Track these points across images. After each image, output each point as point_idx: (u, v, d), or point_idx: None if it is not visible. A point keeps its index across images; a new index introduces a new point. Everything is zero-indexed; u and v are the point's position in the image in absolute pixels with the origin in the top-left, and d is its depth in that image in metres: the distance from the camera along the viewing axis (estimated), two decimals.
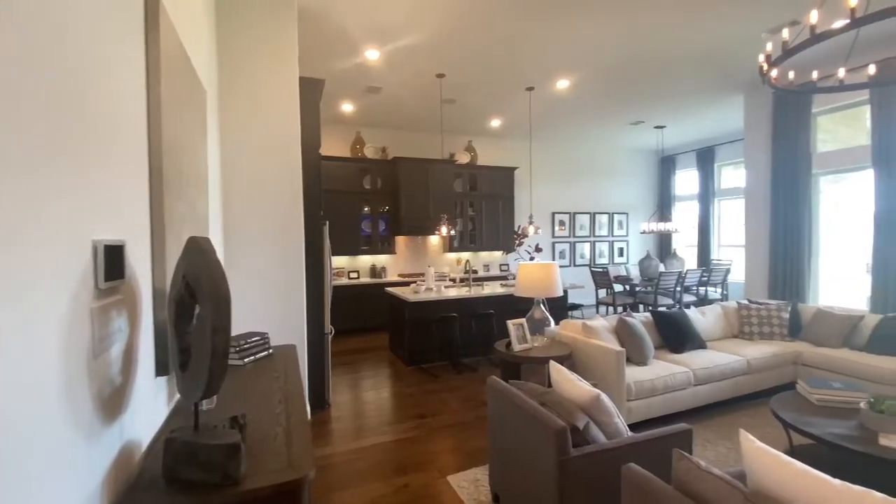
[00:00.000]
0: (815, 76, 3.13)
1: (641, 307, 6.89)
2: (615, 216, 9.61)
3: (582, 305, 6.93)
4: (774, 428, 3.19)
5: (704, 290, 7.13)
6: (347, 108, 6.35)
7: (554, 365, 2.31)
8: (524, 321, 3.52)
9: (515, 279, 3.77)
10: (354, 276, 7.23)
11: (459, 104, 6.27)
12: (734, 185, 8.24)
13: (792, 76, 3.20)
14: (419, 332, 5.04)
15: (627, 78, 5.42)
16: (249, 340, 2.19)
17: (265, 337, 2.29)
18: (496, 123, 7.40)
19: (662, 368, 3.37)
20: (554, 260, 8.96)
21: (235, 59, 3.14)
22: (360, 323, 6.79)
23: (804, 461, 1.21)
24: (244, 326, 3.07)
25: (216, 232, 2.79)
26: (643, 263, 7.17)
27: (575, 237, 9.23)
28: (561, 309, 5.74)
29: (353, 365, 5.16)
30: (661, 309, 4.84)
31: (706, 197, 8.59)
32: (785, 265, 5.59)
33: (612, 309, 6.78)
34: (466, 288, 5.72)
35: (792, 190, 5.50)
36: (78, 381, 0.88)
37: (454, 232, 7.43)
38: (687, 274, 6.71)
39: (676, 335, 3.81)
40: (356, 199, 7.11)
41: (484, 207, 8.05)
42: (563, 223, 9.10)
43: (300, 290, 3.36)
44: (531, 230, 6.47)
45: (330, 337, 3.85)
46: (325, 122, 6.57)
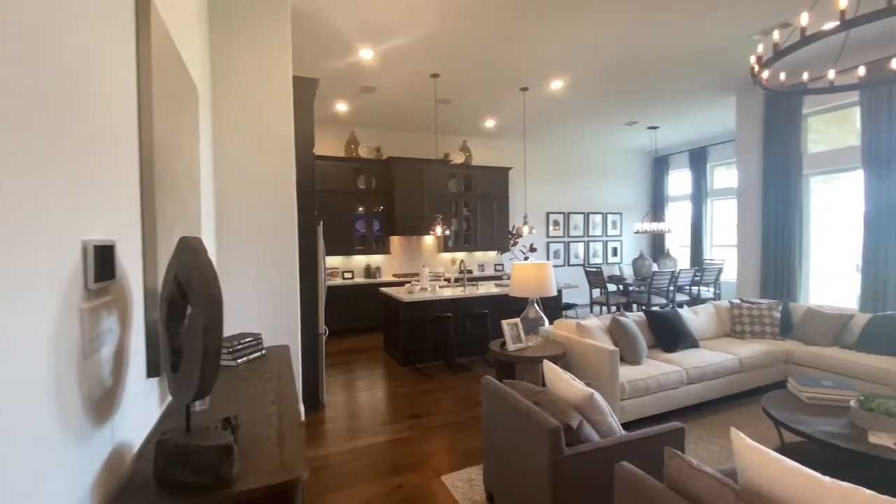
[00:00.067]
0: (805, 77, 3.16)
1: (635, 307, 6.93)
2: (609, 216, 9.66)
3: (576, 305, 6.95)
4: (766, 426, 3.22)
5: (697, 289, 7.18)
6: (341, 107, 6.33)
7: (548, 364, 2.32)
8: (518, 321, 3.53)
9: (510, 279, 3.78)
10: (349, 276, 7.21)
11: (454, 104, 6.27)
12: (726, 185, 8.30)
13: (783, 77, 3.23)
14: (414, 332, 5.03)
15: (621, 79, 5.44)
16: (242, 341, 2.18)
17: (258, 338, 2.28)
18: (491, 124, 7.41)
19: (655, 367, 3.38)
20: (548, 260, 8.97)
21: (229, 58, 3.12)
22: (354, 323, 6.78)
23: (795, 459, 1.23)
24: (237, 327, 3.05)
25: (209, 232, 2.78)
26: (637, 263, 7.21)
27: (569, 237, 9.27)
28: (555, 308, 5.76)
29: (347, 365, 5.15)
30: (654, 308, 4.88)
31: (699, 197, 8.67)
32: (776, 265, 5.65)
33: (605, 308, 6.81)
34: (461, 288, 5.73)
35: (783, 190, 5.56)
36: (67, 382, 0.87)
37: (449, 232, 7.43)
38: (680, 273, 6.76)
39: (669, 334, 3.84)
40: (350, 198, 7.09)
41: (478, 207, 8.06)
42: (557, 223, 9.14)
43: (294, 290, 3.35)
44: (525, 230, 6.49)
45: (324, 337, 3.84)
46: (319, 121, 6.54)
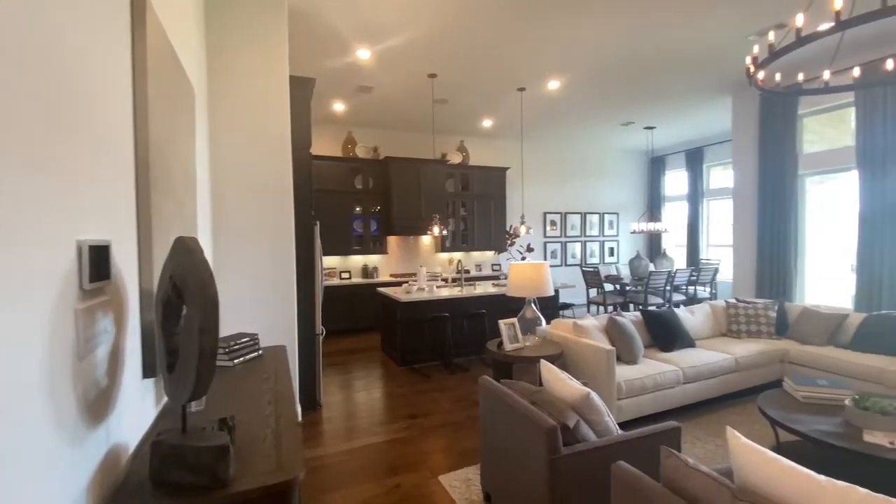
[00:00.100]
0: (801, 78, 3.17)
1: (631, 306, 6.95)
2: (606, 216, 9.68)
3: (573, 305, 6.96)
4: (762, 425, 3.23)
5: (693, 289, 7.21)
6: (339, 107, 6.32)
7: (545, 364, 2.32)
8: (516, 321, 3.53)
9: (507, 279, 3.78)
10: (346, 276, 7.20)
11: (451, 104, 6.27)
12: (722, 185, 8.33)
13: (778, 78, 3.25)
14: (411, 332, 5.03)
15: (618, 79, 5.46)
16: (239, 341, 2.17)
17: (255, 338, 2.28)
18: (488, 124, 7.42)
19: (652, 367, 3.39)
20: (545, 260, 9.00)
21: (225, 57, 3.11)
22: (351, 323, 6.77)
23: (790, 458, 1.23)
24: (234, 327, 3.04)
25: (205, 232, 2.77)
26: (633, 263, 7.23)
27: (566, 237, 9.28)
28: (552, 308, 5.77)
29: (344, 365, 5.14)
30: (650, 308, 4.88)
31: (695, 197, 8.70)
32: (772, 264, 5.67)
33: (602, 308, 6.83)
34: (458, 288, 5.73)
35: (779, 190, 5.58)
36: (62, 383, 0.86)
37: (446, 232, 7.42)
38: (676, 273, 6.79)
39: (666, 334, 3.85)
40: (347, 198, 7.08)
41: (476, 207, 8.07)
42: (554, 223, 9.15)
43: (290, 290, 3.34)
44: (523, 230, 6.49)
45: (321, 337, 3.83)
46: (316, 121, 6.53)
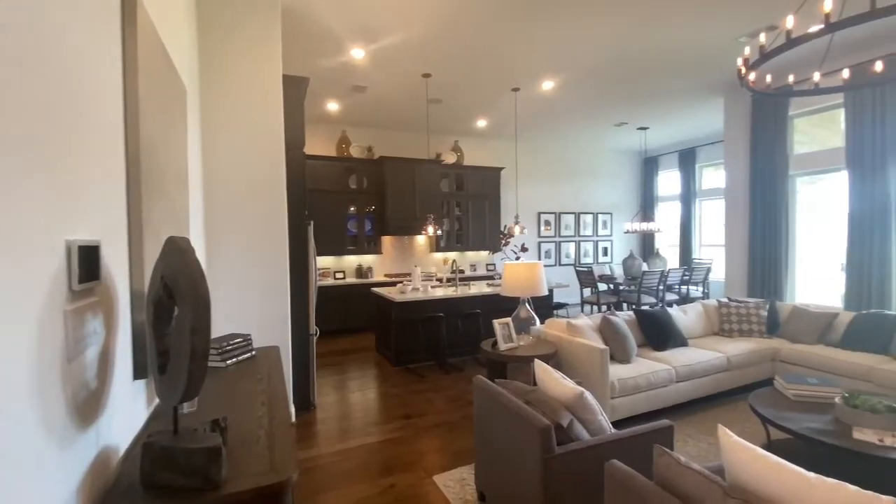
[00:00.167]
0: (791, 80, 3.21)
1: (625, 306, 6.99)
2: (599, 216, 9.73)
3: (567, 304, 6.99)
4: (753, 423, 3.26)
5: (686, 288, 7.26)
6: (333, 106, 6.30)
7: (539, 363, 2.33)
8: (510, 320, 3.54)
9: (501, 279, 3.78)
10: (340, 276, 7.17)
11: (445, 104, 6.27)
12: (715, 185, 8.40)
13: (769, 80, 3.29)
14: (406, 332, 5.02)
15: (611, 80, 5.48)
16: (231, 342, 2.15)
17: (248, 338, 2.26)
18: (482, 124, 7.42)
19: (645, 366, 3.41)
20: (539, 259, 9.03)
21: (218, 56, 3.09)
22: (346, 324, 6.75)
23: (781, 455, 1.24)
24: (226, 328, 3.02)
25: (197, 232, 2.74)
26: (627, 263, 7.27)
27: (560, 237, 9.31)
28: (546, 308, 5.78)
29: (338, 366, 5.12)
30: (644, 307, 4.91)
31: (688, 197, 8.76)
32: (763, 264, 5.73)
33: (596, 308, 6.86)
34: (453, 288, 5.73)
35: (770, 190, 5.63)
36: (51, 385, 0.85)
37: (441, 232, 7.43)
38: (669, 273, 6.83)
39: (659, 333, 3.87)
40: (342, 198, 7.06)
41: (470, 207, 8.07)
42: (548, 223, 9.18)
43: (284, 290, 3.32)
44: (517, 230, 6.50)
45: (315, 338, 3.82)
46: (309, 120, 6.50)
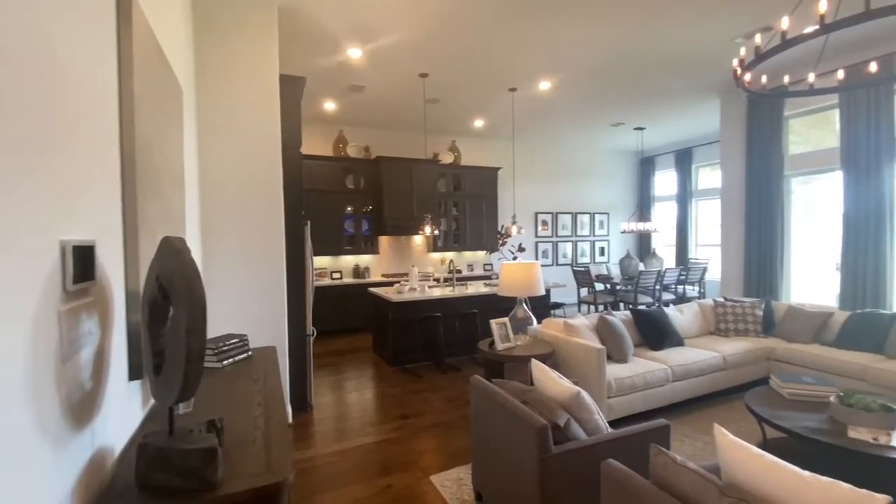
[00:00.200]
0: (786, 80, 3.22)
1: (622, 305, 7.01)
2: (596, 216, 9.75)
3: (564, 304, 7.00)
4: (749, 422, 3.27)
5: (682, 288, 7.28)
6: (329, 106, 6.29)
7: (536, 363, 2.33)
8: (507, 320, 3.54)
9: (499, 279, 3.79)
10: (337, 276, 7.16)
11: (443, 104, 6.27)
12: (711, 185, 8.43)
13: (765, 80, 3.29)
14: (403, 332, 5.02)
15: (608, 80, 5.49)
16: (228, 342, 2.15)
17: (244, 339, 2.26)
18: (479, 124, 7.43)
19: (642, 365, 3.42)
20: (536, 259, 9.04)
21: (214, 55, 3.08)
22: (343, 324, 6.73)
23: (777, 454, 1.25)
24: (223, 328, 3.01)
25: (193, 232, 2.73)
26: (623, 262, 7.29)
27: (557, 237, 9.33)
28: (543, 308, 5.79)
29: (335, 366, 5.11)
30: (640, 307, 4.93)
31: (684, 197, 8.79)
32: (759, 264, 5.75)
33: (593, 307, 6.88)
34: (450, 288, 5.73)
35: (765, 191, 5.66)
36: (45, 386, 0.85)
37: (438, 232, 7.42)
38: (666, 273, 6.86)
39: (655, 333, 3.89)
40: (339, 198, 7.04)
41: (467, 207, 8.07)
42: (545, 223, 9.19)
43: (281, 290, 3.32)
44: (514, 230, 6.51)
45: (312, 338, 3.81)
46: (306, 120, 6.49)
